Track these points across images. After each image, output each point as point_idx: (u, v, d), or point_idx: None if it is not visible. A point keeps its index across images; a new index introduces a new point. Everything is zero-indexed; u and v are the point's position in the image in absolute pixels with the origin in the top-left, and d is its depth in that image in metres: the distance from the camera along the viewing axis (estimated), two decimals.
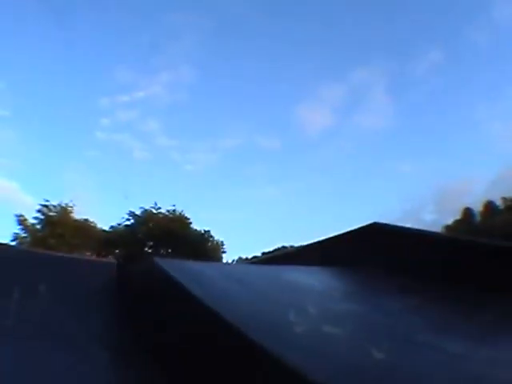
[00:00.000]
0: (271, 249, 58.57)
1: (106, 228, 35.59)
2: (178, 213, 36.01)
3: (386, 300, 3.25)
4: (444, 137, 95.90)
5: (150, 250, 35.59)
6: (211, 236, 37.13)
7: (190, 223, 36.20)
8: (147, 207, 35.27)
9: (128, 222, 35.05)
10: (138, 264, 4.19)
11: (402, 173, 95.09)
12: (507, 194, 69.37)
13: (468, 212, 69.92)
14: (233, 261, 46.80)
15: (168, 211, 35.74)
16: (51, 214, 31.75)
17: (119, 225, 35.31)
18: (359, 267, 4.28)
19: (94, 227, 34.89)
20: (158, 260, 3.11)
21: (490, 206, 68.81)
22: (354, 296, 3.33)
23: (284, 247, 54.66)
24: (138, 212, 35.17)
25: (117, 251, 34.13)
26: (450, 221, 70.95)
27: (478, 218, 69.82)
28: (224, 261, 38.89)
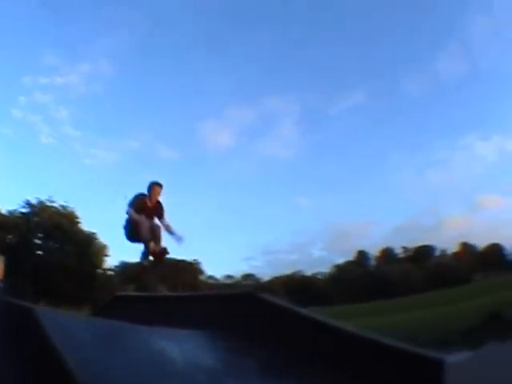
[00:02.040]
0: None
1: (4, 210, 35.57)
2: (69, 209, 37.06)
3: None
4: (349, 178, 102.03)
5: (39, 242, 35.85)
6: (96, 238, 38.33)
7: (79, 222, 37.40)
8: (43, 198, 36.21)
9: (24, 210, 35.51)
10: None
11: (297, 206, 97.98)
12: (407, 244, 75.75)
13: (362, 255, 74.89)
14: (115, 266, 47.59)
15: (61, 206, 36.77)
16: None
17: (15, 210, 35.59)
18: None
19: None
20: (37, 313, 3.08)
21: (387, 253, 74.17)
22: (222, 377, 3.31)
23: (168, 259, 56.88)
24: (33, 201, 35.88)
25: (9, 237, 34.00)
26: (340, 260, 75.76)
27: (373, 263, 75.04)
28: (106, 264, 41.13)
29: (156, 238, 6.06)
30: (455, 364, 3.97)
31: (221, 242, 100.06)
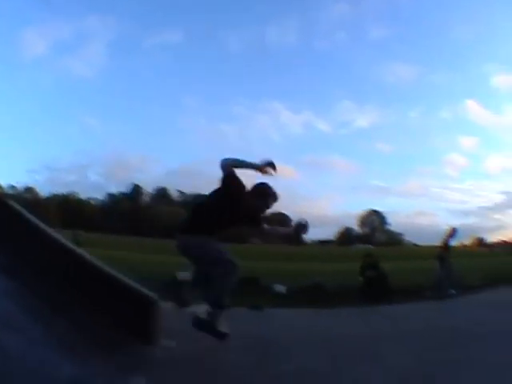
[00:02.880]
0: None
1: None
2: None
3: None
4: (140, 111, 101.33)
5: None
6: None
7: None
8: None
9: None
10: None
11: (85, 127, 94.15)
12: (185, 189, 78.06)
13: (137, 189, 73.96)
14: None
15: None
16: None
17: None
18: None
19: None
20: None
21: (162, 192, 74.70)
22: None
23: None
24: None
25: None
26: (114, 190, 74.67)
27: (146, 199, 75.19)
28: None
29: None
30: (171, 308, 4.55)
31: (8, 151, 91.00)
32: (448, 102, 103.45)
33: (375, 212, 77.14)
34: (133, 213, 65.34)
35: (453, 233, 10.37)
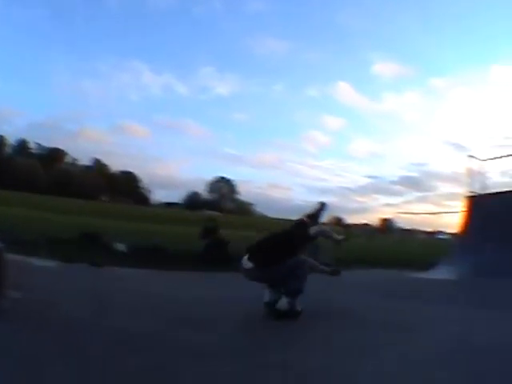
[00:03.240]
0: None
1: None
2: None
3: None
4: (9, 61, 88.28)
5: None
6: None
7: None
8: None
9: None
10: None
11: None
12: (43, 142, 70.76)
13: (3, 141, 65.58)
14: None
15: None
16: None
17: None
18: None
19: None
20: None
21: (22, 145, 67.91)
22: None
23: None
24: None
25: None
26: None
27: (8, 151, 66.72)
28: None
29: None
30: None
31: None
32: (318, 81, 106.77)
33: (224, 179, 77.84)
34: None
35: (322, 207, 9.68)
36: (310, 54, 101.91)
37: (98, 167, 73.94)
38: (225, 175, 78.40)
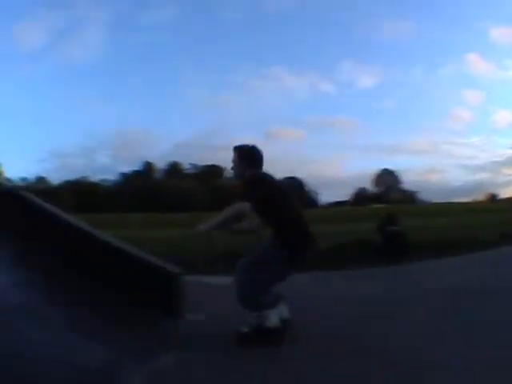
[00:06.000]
0: None
1: None
2: None
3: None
4: (144, 88, 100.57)
5: None
6: None
7: None
8: None
9: None
10: None
11: (89, 109, 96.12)
12: (193, 161, 77.99)
13: (148, 166, 74.98)
14: None
15: None
16: None
17: None
18: None
19: None
20: None
21: (174, 167, 75.90)
22: None
23: None
24: None
25: None
26: (125, 169, 75.28)
27: (158, 175, 76.07)
28: None
29: None
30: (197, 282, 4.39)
31: (16, 143, 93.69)
32: (448, 58, 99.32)
33: (387, 170, 76.86)
34: (146, 190, 65.42)
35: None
36: (432, 32, 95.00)
37: None
38: (385, 166, 77.68)
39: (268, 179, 3.43)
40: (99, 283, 3.89)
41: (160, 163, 76.79)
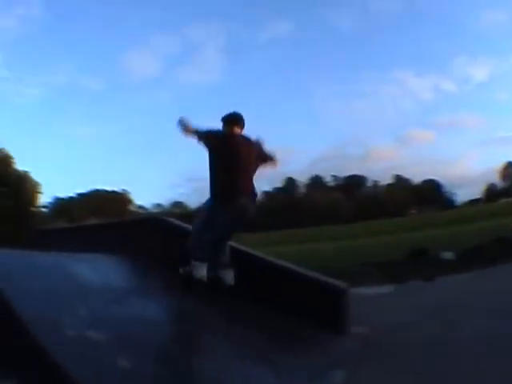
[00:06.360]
0: (85, 190, 58.74)
1: None
2: (3, 151, 33.35)
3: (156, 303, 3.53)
4: (276, 105, 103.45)
5: None
6: (30, 177, 35.27)
7: (14, 163, 34.06)
8: None
9: None
10: None
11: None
12: (334, 172, 77.97)
13: (290, 182, 76.21)
14: (49, 203, 46.76)
15: None
16: None
17: None
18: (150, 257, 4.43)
19: None
20: None
21: (316, 181, 76.06)
22: (130, 296, 3.48)
23: (98, 190, 57.25)
24: None
25: None
26: (266, 187, 77.03)
27: (301, 190, 76.77)
28: (40, 202, 38.13)
29: None
30: (361, 294, 4.45)
31: (147, 171, 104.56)
32: None
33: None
34: (291, 206, 66.34)
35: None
36: None
37: (399, 182, 74.43)
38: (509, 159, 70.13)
39: (224, 136, 3.86)
40: (265, 305, 3.79)
41: (302, 178, 77.91)
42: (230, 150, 3.73)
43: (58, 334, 2.35)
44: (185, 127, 3.78)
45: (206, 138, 3.76)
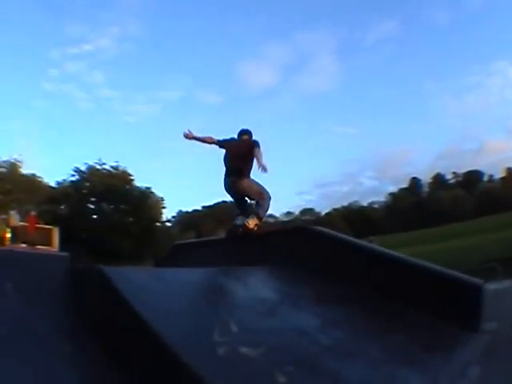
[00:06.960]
0: (211, 203, 60.11)
1: (53, 182, 35.49)
2: (121, 169, 35.83)
3: (309, 314, 3.45)
4: (390, 105, 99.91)
5: (92, 206, 35.29)
6: (152, 192, 37.35)
7: (132, 180, 36.20)
8: (91, 162, 35.07)
9: (73, 178, 34.86)
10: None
11: (341, 135, 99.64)
12: (452, 169, 73.79)
13: (414, 182, 73.26)
14: (173, 217, 49.13)
15: (112, 167, 35.46)
16: (0, 169, 30.85)
17: (65, 180, 35.23)
18: (298, 267, 4.36)
19: (41, 182, 34.41)
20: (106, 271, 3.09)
21: (438, 179, 72.53)
22: (281, 307, 3.46)
23: (224, 202, 56.06)
24: (82, 168, 34.84)
25: (61, 207, 33.97)
26: (391, 188, 74.37)
27: (426, 189, 73.28)
28: (164, 217, 40.23)
29: None
30: (494, 290, 4.06)
31: (273, 179, 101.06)
32: None
33: None
34: (417, 205, 65.43)
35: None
36: None
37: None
38: None
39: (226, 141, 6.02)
40: (401, 305, 3.66)
41: (424, 177, 76.19)
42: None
43: (207, 352, 2.32)
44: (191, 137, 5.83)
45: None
